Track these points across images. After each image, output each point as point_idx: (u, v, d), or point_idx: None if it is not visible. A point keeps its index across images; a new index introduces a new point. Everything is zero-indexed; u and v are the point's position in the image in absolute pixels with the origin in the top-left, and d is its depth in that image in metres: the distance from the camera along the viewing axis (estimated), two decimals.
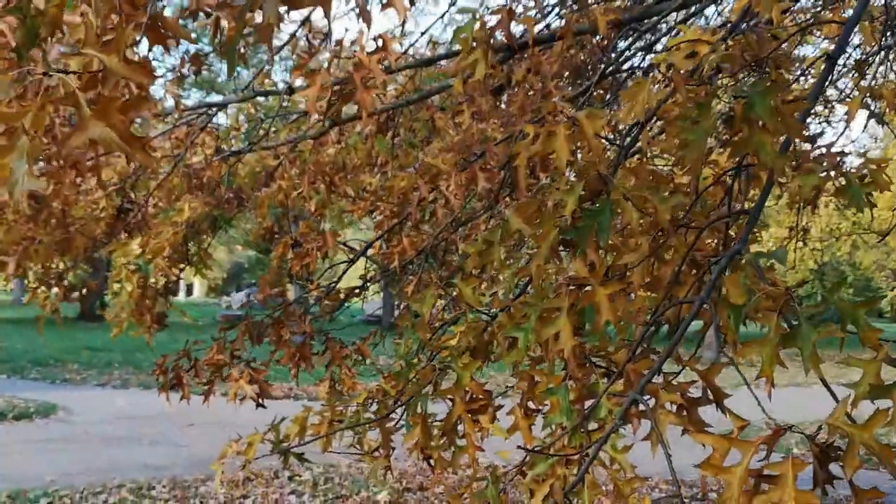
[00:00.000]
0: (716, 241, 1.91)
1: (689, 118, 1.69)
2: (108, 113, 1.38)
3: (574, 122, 2.01)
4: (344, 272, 3.63)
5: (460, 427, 2.07)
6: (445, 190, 3.00)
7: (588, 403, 1.72)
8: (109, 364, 16.32)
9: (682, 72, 1.86)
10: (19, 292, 44.02)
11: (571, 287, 1.67)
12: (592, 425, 1.66)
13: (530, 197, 2.18)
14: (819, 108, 5.72)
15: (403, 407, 2.31)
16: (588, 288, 1.65)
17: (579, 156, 2.19)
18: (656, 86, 2.46)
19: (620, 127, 2.57)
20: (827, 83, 4.22)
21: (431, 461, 2.44)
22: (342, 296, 4.53)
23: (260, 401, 2.89)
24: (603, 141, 1.88)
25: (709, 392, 1.62)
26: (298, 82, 2.08)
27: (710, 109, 1.70)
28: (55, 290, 4.50)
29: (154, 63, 2.57)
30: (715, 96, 1.78)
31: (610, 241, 1.82)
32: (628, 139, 2.27)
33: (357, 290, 4.81)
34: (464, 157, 3.18)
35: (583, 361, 1.72)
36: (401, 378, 2.23)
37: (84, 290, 4.48)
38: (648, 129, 2.24)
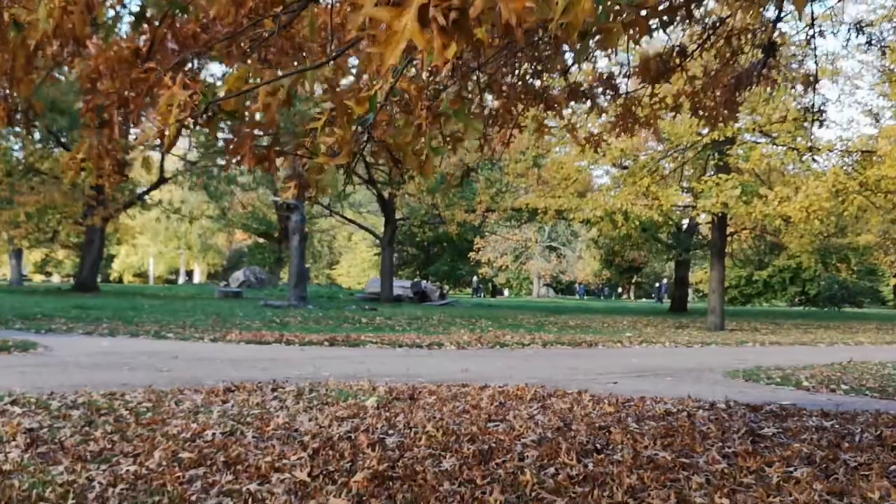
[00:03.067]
0: None
1: None
2: None
3: None
4: None
5: None
6: None
7: None
8: (98, 319, 15.88)
9: None
10: (17, 276, 43.84)
11: None
12: None
13: None
14: None
15: None
16: None
17: None
18: None
19: None
20: None
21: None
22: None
23: (198, 112, 2.39)
24: None
25: None
26: None
27: None
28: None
29: None
30: None
31: None
32: None
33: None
34: None
35: None
36: None
37: (33, 116, 4.04)
38: None
